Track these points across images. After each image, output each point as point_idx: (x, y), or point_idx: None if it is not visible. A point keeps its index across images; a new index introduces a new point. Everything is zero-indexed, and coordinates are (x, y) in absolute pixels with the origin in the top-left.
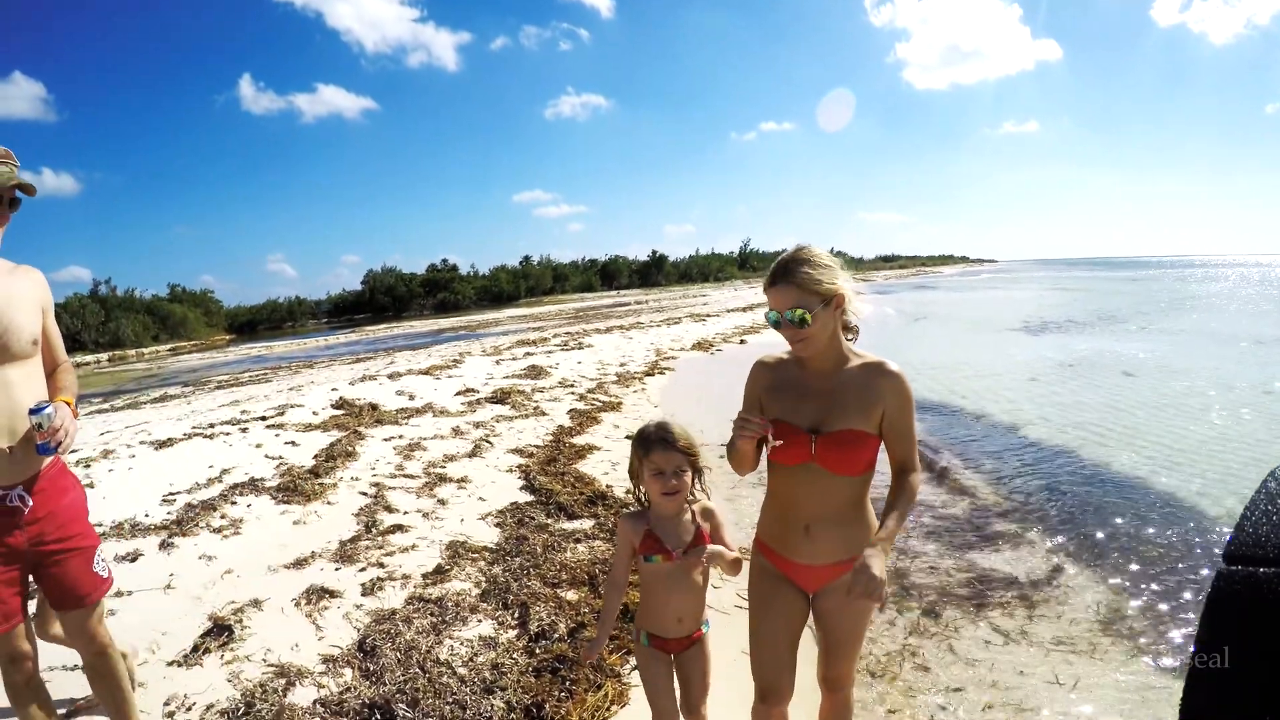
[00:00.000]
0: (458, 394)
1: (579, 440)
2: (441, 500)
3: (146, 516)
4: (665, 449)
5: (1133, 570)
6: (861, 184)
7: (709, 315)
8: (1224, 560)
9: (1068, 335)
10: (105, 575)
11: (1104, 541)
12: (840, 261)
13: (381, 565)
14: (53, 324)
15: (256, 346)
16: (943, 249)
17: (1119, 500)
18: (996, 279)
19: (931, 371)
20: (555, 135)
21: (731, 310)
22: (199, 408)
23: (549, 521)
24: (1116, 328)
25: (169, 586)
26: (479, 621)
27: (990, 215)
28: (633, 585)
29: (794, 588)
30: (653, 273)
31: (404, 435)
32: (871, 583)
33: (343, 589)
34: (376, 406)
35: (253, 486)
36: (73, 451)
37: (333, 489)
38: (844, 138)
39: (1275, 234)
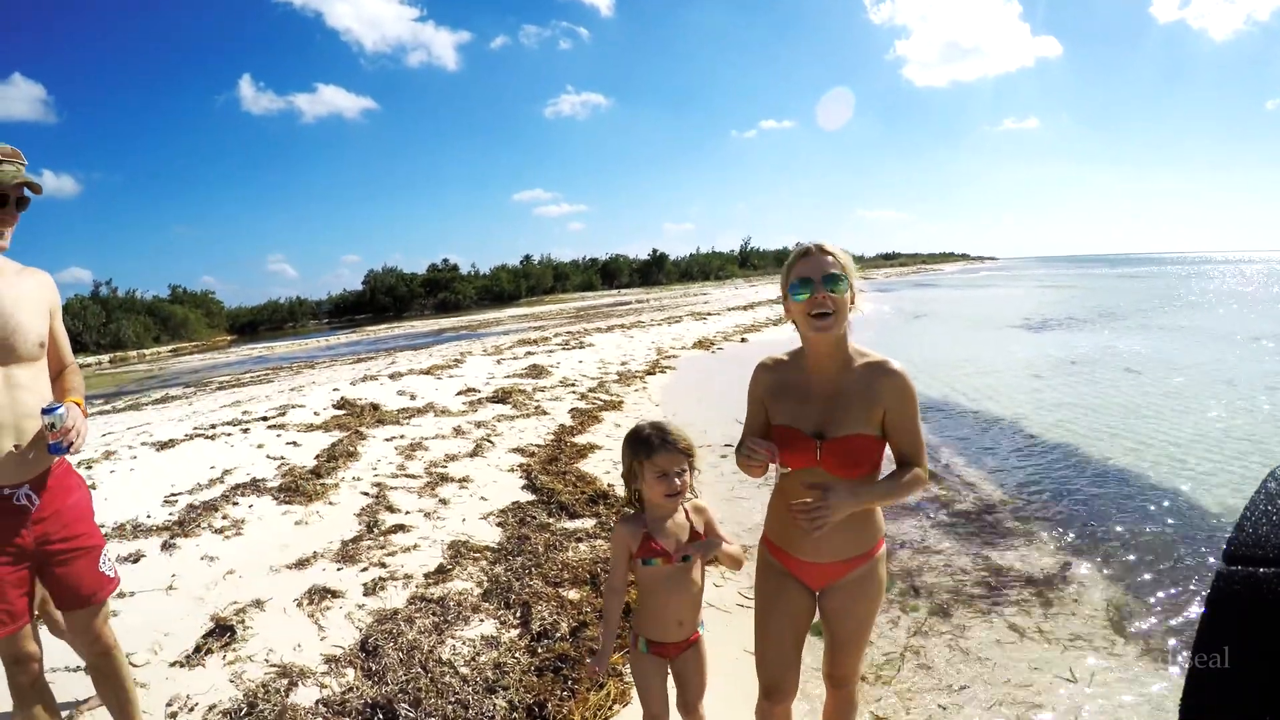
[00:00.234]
0: (459, 394)
1: (580, 439)
2: (443, 500)
3: (148, 517)
4: (669, 451)
5: (1140, 568)
6: (861, 181)
7: (710, 314)
8: (1224, 560)
9: (1069, 332)
10: (112, 575)
11: (1110, 538)
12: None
13: (383, 565)
14: (60, 326)
15: (258, 347)
16: (943, 246)
17: (1124, 497)
18: (997, 276)
19: (934, 369)
20: (555, 134)
21: (732, 309)
22: (200, 408)
23: (551, 521)
24: (1117, 324)
25: (171, 587)
26: (481, 621)
27: (990, 212)
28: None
29: (800, 585)
30: (653, 271)
31: (405, 435)
32: (821, 508)
33: (345, 589)
34: (378, 406)
35: (254, 487)
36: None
37: (334, 489)
38: (844, 135)
39: (1275, 230)
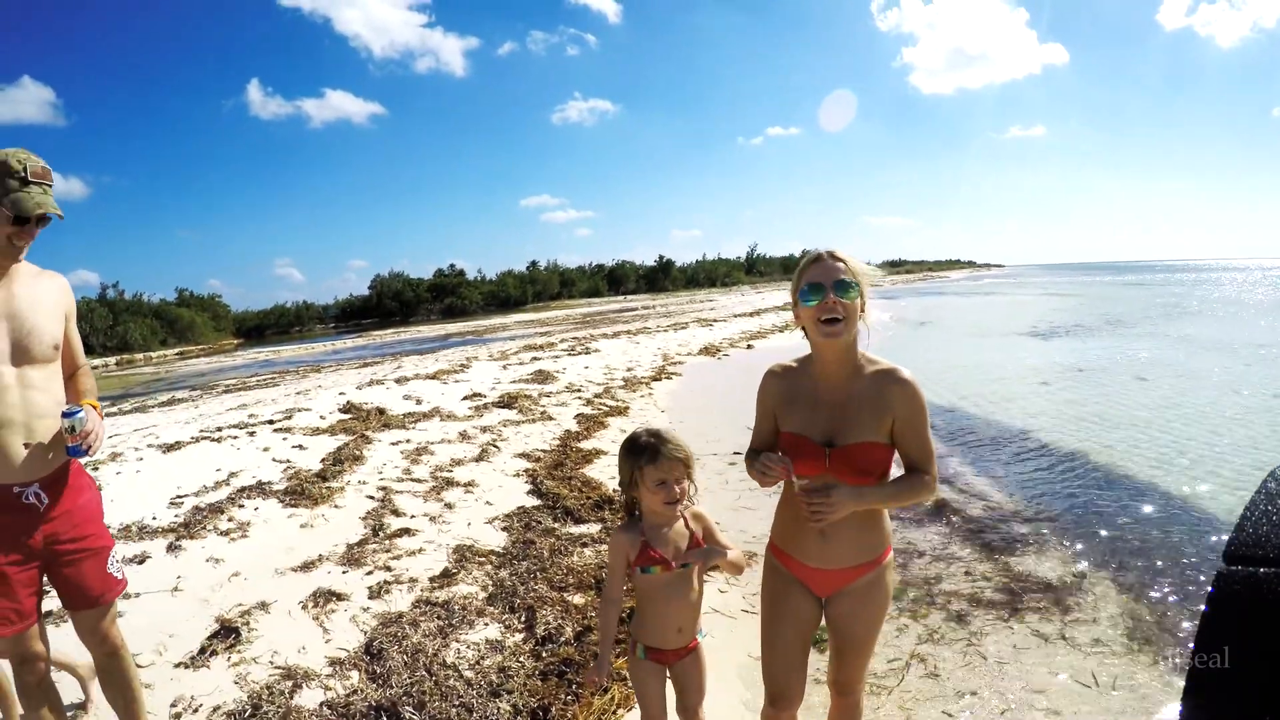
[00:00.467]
0: (465, 398)
1: (586, 445)
2: (448, 504)
3: (154, 519)
4: (667, 458)
5: (1153, 574)
6: (868, 188)
7: (716, 320)
8: (1224, 560)
9: (1077, 339)
10: (120, 576)
11: (1123, 545)
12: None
13: (388, 569)
14: (74, 329)
15: (264, 351)
16: (949, 253)
17: (1136, 504)
18: (1003, 284)
19: (942, 376)
20: (562, 140)
21: (738, 315)
22: (207, 411)
23: (556, 526)
24: (1125, 332)
25: (176, 589)
26: (486, 625)
27: (997, 220)
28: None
29: (806, 592)
30: (660, 278)
31: (411, 439)
32: (824, 503)
33: (350, 592)
34: (384, 411)
35: (260, 490)
36: None
37: (340, 493)
38: (850, 142)
39: None
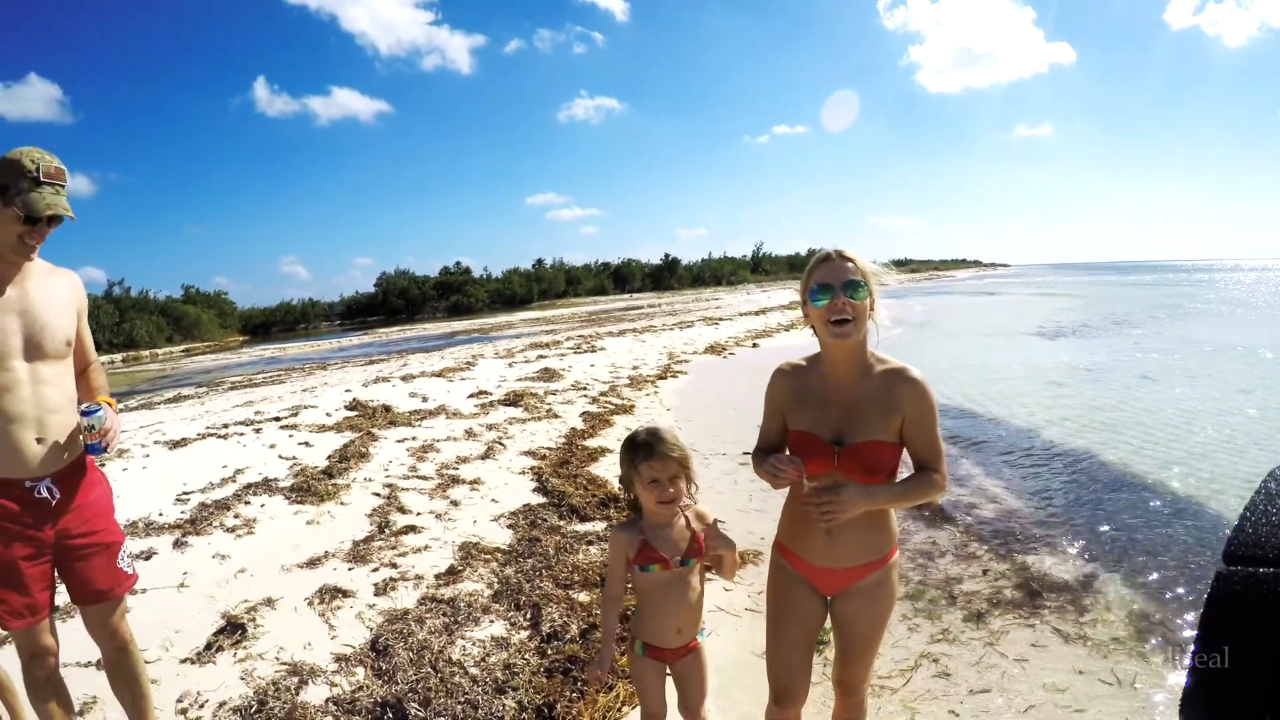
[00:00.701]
0: (470, 396)
1: (591, 443)
2: (454, 501)
3: (160, 515)
4: (660, 457)
5: (1162, 573)
6: (874, 187)
7: (721, 319)
8: (1224, 560)
9: (1083, 339)
10: (130, 571)
11: (1136, 545)
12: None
13: (394, 565)
14: (85, 326)
15: (270, 348)
16: (955, 253)
17: (1147, 503)
18: (1009, 283)
19: (951, 375)
20: (568, 138)
21: (744, 314)
22: (213, 408)
23: (561, 523)
24: (1131, 331)
25: (183, 585)
26: (491, 622)
27: (1003, 219)
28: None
29: (812, 590)
30: (665, 276)
31: (417, 437)
32: (833, 503)
33: (355, 589)
34: (390, 408)
35: (266, 486)
36: None
37: (346, 489)
38: (856, 141)
39: None
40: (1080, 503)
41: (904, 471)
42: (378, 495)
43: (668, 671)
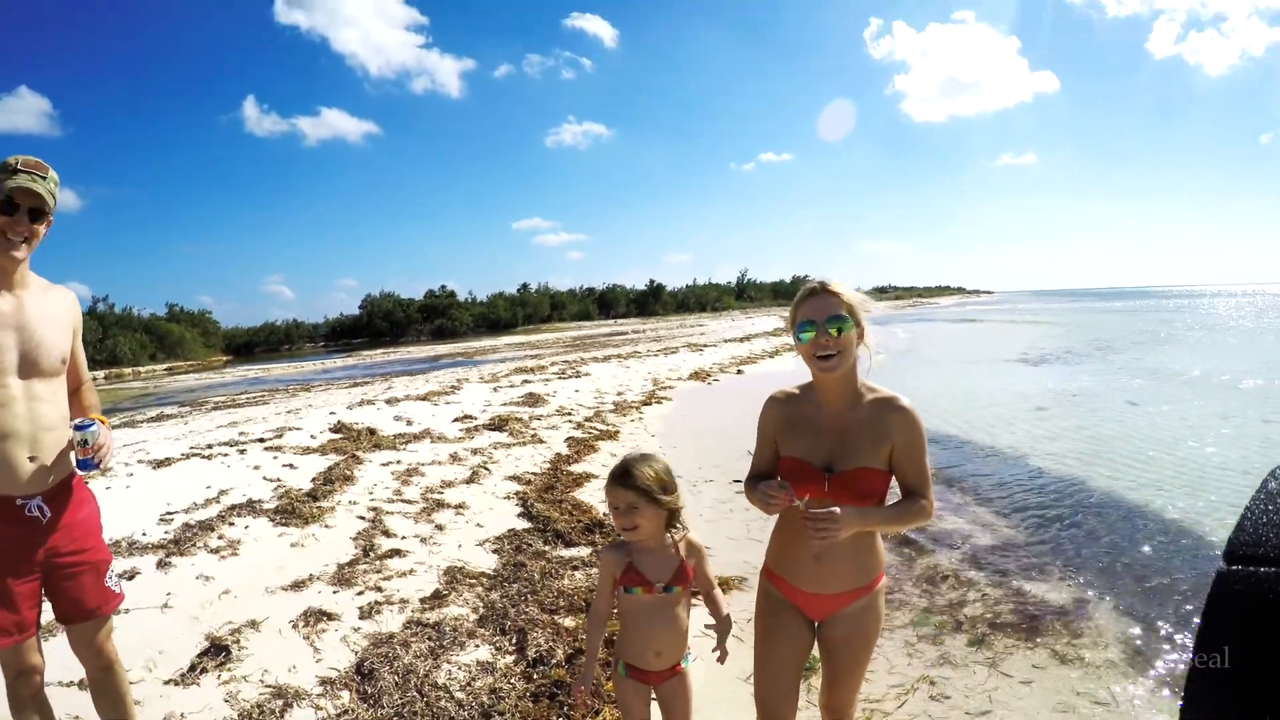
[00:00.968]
0: (455, 420)
1: (576, 468)
2: (439, 526)
3: (144, 535)
4: (615, 487)
5: (1149, 595)
6: (859, 214)
7: (706, 345)
8: (1224, 560)
9: (1067, 365)
10: (117, 591)
11: (1128, 566)
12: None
13: (379, 589)
14: (80, 344)
15: (254, 368)
16: (940, 279)
17: (1137, 525)
18: (992, 310)
19: (938, 403)
20: (556, 164)
21: (729, 340)
22: (196, 428)
23: (546, 548)
24: (1115, 358)
25: (166, 605)
26: (477, 646)
27: (988, 246)
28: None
29: (800, 616)
30: (650, 302)
31: (402, 460)
32: (830, 523)
33: (340, 612)
34: (374, 431)
35: (250, 508)
36: None
37: (330, 512)
38: (842, 169)
39: (1271, 262)
40: (1070, 525)
41: (892, 497)
42: (362, 518)
43: (653, 696)
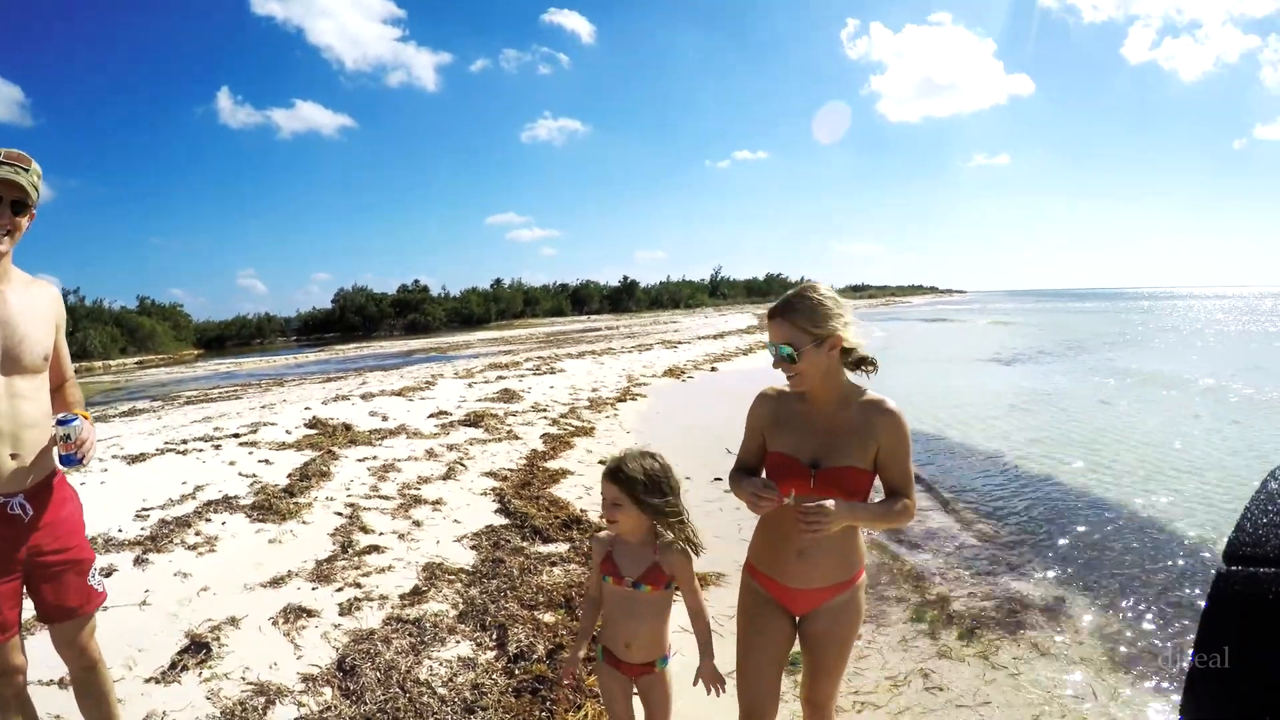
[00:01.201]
0: (431, 416)
1: (552, 464)
2: (417, 522)
3: (120, 531)
4: (604, 477)
5: (1128, 590)
6: (834, 214)
7: (680, 342)
8: (1224, 560)
9: (1039, 365)
10: (100, 589)
11: (1100, 562)
12: (843, 304)
13: (359, 585)
14: (63, 340)
15: (225, 363)
16: (914, 279)
17: (1115, 521)
18: (965, 309)
19: (914, 402)
20: (531, 159)
21: (703, 337)
22: (170, 423)
23: (524, 544)
24: (1085, 358)
25: (144, 603)
26: (458, 642)
27: (961, 246)
28: None
29: (782, 611)
30: (624, 298)
31: (378, 456)
32: (821, 516)
33: (320, 608)
34: (350, 426)
35: (227, 504)
36: None
37: (308, 508)
38: (817, 168)
39: (1243, 264)
40: (1048, 522)
41: (875, 496)
42: (340, 514)
43: (635, 690)
